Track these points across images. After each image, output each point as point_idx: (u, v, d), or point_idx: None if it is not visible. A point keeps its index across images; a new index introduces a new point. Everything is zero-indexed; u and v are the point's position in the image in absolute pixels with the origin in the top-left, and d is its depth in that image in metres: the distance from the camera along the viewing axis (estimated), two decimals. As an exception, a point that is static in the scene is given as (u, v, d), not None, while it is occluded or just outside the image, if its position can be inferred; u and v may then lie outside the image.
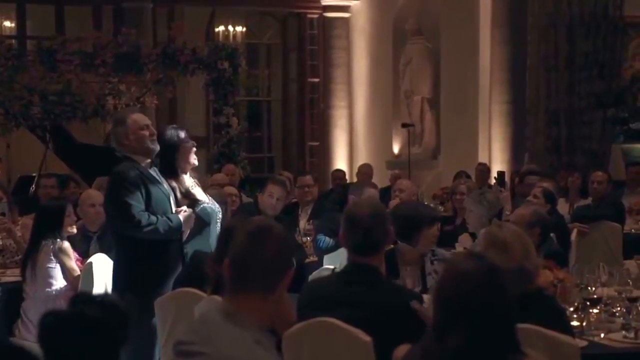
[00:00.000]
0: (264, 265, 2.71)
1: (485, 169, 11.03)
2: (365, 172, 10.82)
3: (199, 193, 5.38)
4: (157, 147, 5.12)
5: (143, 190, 4.94)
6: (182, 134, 5.38)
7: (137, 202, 4.89)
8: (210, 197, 5.56)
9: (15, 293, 5.71)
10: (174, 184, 5.24)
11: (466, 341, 2.58)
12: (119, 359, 2.33)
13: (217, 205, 5.55)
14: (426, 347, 2.72)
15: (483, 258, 2.81)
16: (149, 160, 5.08)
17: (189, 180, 5.37)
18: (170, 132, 5.39)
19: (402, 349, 2.95)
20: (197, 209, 5.26)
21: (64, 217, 5.72)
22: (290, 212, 7.66)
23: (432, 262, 4.93)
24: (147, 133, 5.06)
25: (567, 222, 7.59)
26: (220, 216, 5.41)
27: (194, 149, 5.39)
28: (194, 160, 5.36)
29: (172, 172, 5.26)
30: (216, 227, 5.29)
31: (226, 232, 3.93)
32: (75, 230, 5.90)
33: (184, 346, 2.66)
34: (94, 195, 6.46)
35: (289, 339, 3.44)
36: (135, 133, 5.04)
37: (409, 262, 4.66)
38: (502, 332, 2.64)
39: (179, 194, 5.25)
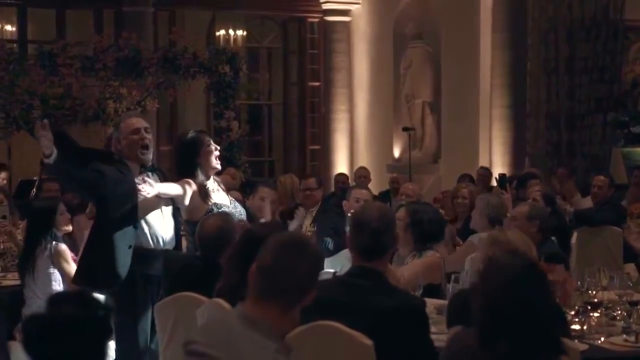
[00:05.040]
0: (296, 278, 2.72)
1: (486, 173, 11.03)
2: (361, 175, 10.83)
3: (218, 197, 5.35)
4: (149, 158, 5.09)
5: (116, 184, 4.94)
6: (205, 138, 5.36)
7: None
8: (233, 200, 5.54)
9: (16, 296, 5.71)
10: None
11: (513, 345, 2.56)
12: (105, 352, 2.34)
13: (240, 208, 5.53)
14: (474, 353, 2.68)
15: (527, 259, 2.78)
16: (138, 167, 5.07)
17: (212, 185, 5.37)
18: (193, 135, 5.37)
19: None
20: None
21: (55, 217, 5.69)
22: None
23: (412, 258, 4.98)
24: (136, 137, 5.03)
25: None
26: (244, 219, 5.36)
27: (217, 152, 5.37)
28: (216, 164, 5.35)
29: (189, 174, 5.23)
30: None
31: (247, 238, 3.91)
32: (70, 228, 5.89)
33: (196, 346, 2.66)
34: None
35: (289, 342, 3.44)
36: (126, 138, 5.03)
37: None
38: (547, 334, 2.63)
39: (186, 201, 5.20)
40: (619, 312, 4.31)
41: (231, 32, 15.04)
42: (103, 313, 2.31)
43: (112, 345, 4.95)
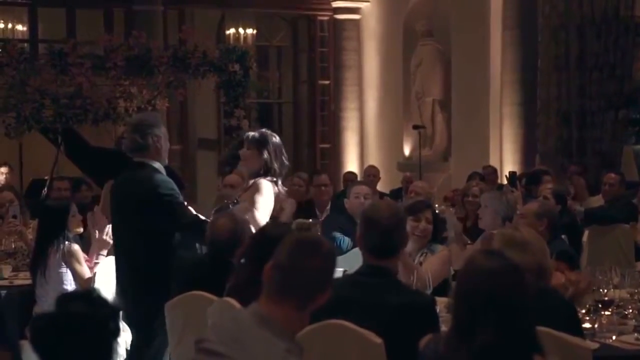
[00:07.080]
0: (312, 278, 2.72)
1: (491, 171, 10.99)
2: (371, 173, 10.82)
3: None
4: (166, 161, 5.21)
5: None
6: None
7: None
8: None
9: (27, 296, 5.73)
10: None
11: (493, 337, 2.56)
12: (113, 351, 2.34)
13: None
14: (450, 342, 2.69)
15: (505, 256, 2.79)
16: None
17: None
18: None
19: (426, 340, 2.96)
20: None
21: (67, 218, 5.70)
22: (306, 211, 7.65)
23: (422, 255, 4.98)
24: (169, 144, 5.19)
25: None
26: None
27: None
28: None
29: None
30: None
31: (260, 237, 3.90)
32: (82, 230, 5.90)
33: (208, 344, 2.66)
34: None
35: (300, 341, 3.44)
36: (166, 143, 5.13)
37: None
38: (527, 330, 2.63)
39: None
40: (631, 310, 4.29)
41: (241, 30, 15.04)
42: (110, 312, 2.32)
43: (122, 343, 4.96)
